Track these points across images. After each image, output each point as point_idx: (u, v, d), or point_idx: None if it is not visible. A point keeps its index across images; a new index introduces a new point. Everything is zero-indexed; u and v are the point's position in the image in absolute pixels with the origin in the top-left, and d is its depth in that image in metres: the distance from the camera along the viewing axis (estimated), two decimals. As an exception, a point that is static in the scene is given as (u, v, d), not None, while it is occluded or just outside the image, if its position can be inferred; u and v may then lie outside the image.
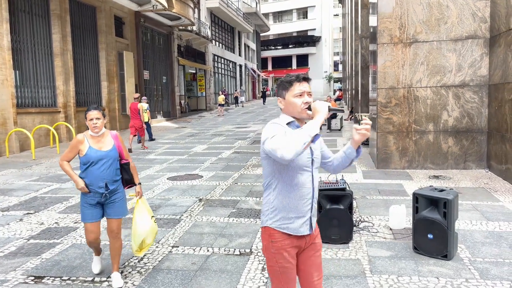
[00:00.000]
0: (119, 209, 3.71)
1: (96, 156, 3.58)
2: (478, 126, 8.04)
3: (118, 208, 3.70)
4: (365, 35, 15.42)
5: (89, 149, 3.59)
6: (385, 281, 3.59)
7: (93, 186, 3.57)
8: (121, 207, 3.72)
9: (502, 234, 4.62)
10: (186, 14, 21.04)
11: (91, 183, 3.57)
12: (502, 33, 7.26)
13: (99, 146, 3.64)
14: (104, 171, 3.59)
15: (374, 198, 6.26)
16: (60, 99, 13.96)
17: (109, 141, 3.70)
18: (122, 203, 3.73)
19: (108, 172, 3.61)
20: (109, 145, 3.68)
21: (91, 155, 3.57)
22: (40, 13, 13.44)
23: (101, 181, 3.58)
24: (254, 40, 49.79)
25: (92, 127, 3.58)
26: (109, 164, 3.62)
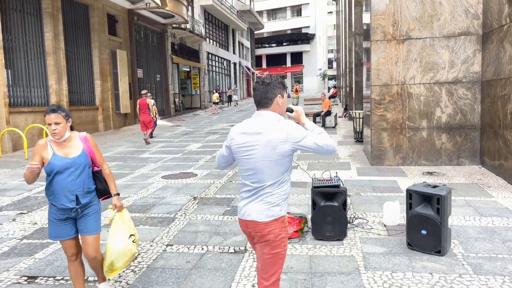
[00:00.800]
0: (92, 225, 3.15)
1: (61, 165, 3.00)
2: (471, 123, 8.09)
3: (92, 223, 3.15)
4: (358, 32, 15.45)
5: (52, 156, 3.02)
6: (379, 277, 3.60)
7: (61, 201, 3.04)
8: (95, 222, 3.18)
9: (495, 230, 4.65)
10: (180, 12, 20.96)
11: (57, 197, 3.04)
12: (494, 29, 7.30)
13: (65, 152, 3.05)
14: (72, 182, 3.03)
15: (368, 194, 6.28)
16: (53, 98, 13.86)
17: (77, 146, 3.11)
18: (96, 218, 3.19)
19: (78, 183, 3.05)
20: (77, 151, 3.09)
21: (54, 164, 3.00)
22: (32, 12, 13.32)
23: (70, 193, 3.03)
24: (248, 38, 49.72)
25: (52, 133, 2.99)
26: (78, 173, 3.05)
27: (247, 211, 2.43)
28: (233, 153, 2.52)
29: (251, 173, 2.41)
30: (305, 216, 4.77)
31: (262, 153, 2.34)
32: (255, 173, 2.39)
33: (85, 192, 3.10)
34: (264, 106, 2.42)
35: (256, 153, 2.36)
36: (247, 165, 2.42)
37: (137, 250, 3.41)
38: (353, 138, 12.15)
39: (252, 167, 2.40)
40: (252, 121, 2.45)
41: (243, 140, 2.42)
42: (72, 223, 3.14)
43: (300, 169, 8.29)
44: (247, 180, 2.45)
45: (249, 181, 2.44)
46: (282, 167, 2.37)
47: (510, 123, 6.66)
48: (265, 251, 2.41)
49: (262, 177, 2.38)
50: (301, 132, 2.34)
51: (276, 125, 2.35)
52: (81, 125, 15.59)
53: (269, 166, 2.35)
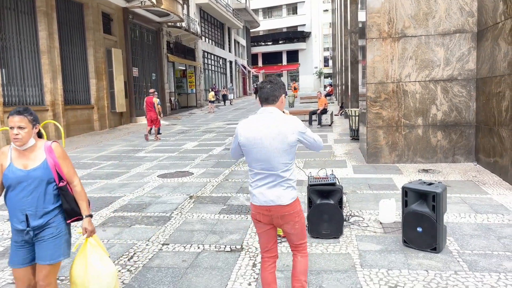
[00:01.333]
0: (46, 251, 2.63)
1: (13, 178, 2.56)
2: (466, 120, 8.12)
3: (46, 250, 2.63)
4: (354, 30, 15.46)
5: (8, 167, 2.60)
6: (375, 274, 3.61)
7: (12, 221, 2.63)
8: (50, 249, 2.63)
9: (490, 226, 4.67)
10: (175, 10, 20.88)
11: (10, 215, 2.63)
12: (489, 27, 7.32)
13: (24, 163, 2.61)
14: (23, 199, 2.57)
15: (364, 192, 6.29)
16: (47, 97, 13.79)
17: (38, 157, 2.65)
18: (54, 243, 2.65)
19: (30, 201, 2.57)
20: (36, 162, 2.63)
21: (8, 176, 2.58)
22: (26, 10, 13.23)
23: (20, 213, 2.58)
24: (244, 36, 49.64)
25: (13, 138, 2.55)
26: (31, 188, 2.57)
27: (269, 197, 2.68)
28: (241, 146, 2.75)
29: (264, 162, 2.66)
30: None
31: (274, 144, 2.62)
32: (268, 162, 2.65)
33: (39, 212, 2.60)
34: (271, 103, 2.73)
35: (269, 144, 2.62)
36: (260, 156, 2.66)
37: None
38: (349, 136, 12.17)
39: (265, 157, 2.65)
40: (261, 117, 2.71)
41: (254, 134, 2.67)
42: (30, 248, 2.66)
43: (296, 167, 8.27)
44: (260, 169, 2.69)
45: (262, 170, 2.68)
46: (290, 155, 2.69)
47: (505, 120, 6.69)
48: (295, 226, 2.79)
49: (275, 165, 2.65)
50: (304, 126, 2.72)
51: (285, 119, 2.69)
52: (77, 124, 15.53)
53: (281, 155, 2.64)
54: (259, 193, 2.70)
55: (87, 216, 2.80)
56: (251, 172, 2.76)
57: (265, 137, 2.63)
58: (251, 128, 2.69)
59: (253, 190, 2.74)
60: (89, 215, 2.81)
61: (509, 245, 4.13)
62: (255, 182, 2.73)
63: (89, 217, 2.81)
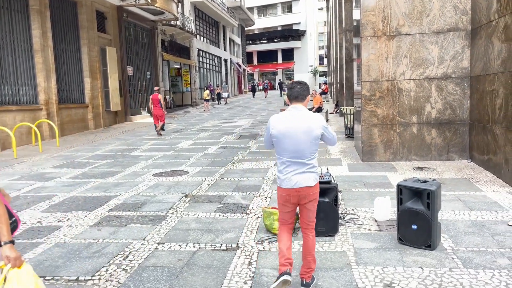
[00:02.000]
0: None
1: None
2: (461, 118, 8.16)
3: None
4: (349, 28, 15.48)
5: None
6: (371, 272, 3.62)
7: None
8: None
9: (484, 223, 4.70)
10: (170, 9, 20.80)
11: None
12: (483, 25, 7.36)
13: None
14: None
15: (360, 190, 6.32)
16: (41, 96, 13.70)
17: None
18: None
19: None
20: None
21: None
22: (19, 9, 13.13)
23: None
24: (239, 35, 49.56)
25: None
26: None
27: (298, 180, 3.16)
28: (272, 137, 3.22)
29: (294, 152, 3.14)
30: (297, 212, 4.77)
31: (304, 136, 3.11)
32: (297, 152, 3.14)
33: None
34: (300, 101, 3.23)
35: (300, 136, 3.11)
36: (290, 147, 3.13)
37: None
38: (344, 134, 12.20)
39: (295, 148, 3.13)
40: (292, 113, 3.19)
41: (286, 127, 3.14)
42: None
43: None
44: (289, 158, 3.16)
45: (292, 158, 3.16)
46: (315, 146, 3.17)
47: (499, 118, 6.73)
48: (314, 204, 3.30)
49: (303, 154, 3.14)
50: (326, 122, 3.27)
51: (312, 115, 3.19)
52: (71, 123, 15.45)
53: (309, 145, 3.13)
54: (289, 178, 3.17)
55: (7, 242, 2.26)
56: (280, 160, 3.22)
57: (295, 130, 3.11)
58: (283, 122, 3.16)
59: (283, 175, 3.20)
60: (9, 242, 2.27)
61: (503, 242, 4.16)
62: (285, 169, 3.19)
63: (10, 244, 2.27)
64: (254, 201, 5.94)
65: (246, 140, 12.44)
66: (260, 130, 14.72)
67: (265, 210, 4.75)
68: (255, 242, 4.42)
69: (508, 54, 6.40)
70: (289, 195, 3.21)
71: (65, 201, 6.40)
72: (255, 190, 6.58)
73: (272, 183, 6.96)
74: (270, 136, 3.24)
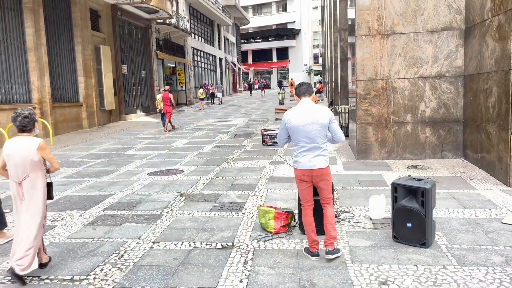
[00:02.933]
0: None
1: None
2: (454, 116, 8.21)
3: None
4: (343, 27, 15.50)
5: None
6: (366, 270, 3.64)
7: None
8: None
9: (478, 221, 4.74)
10: (164, 7, 20.72)
11: None
12: (476, 24, 7.40)
13: None
14: None
15: (355, 189, 6.34)
16: (35, 95, 13.61)
17: None
18: None
19: None
20: None
21: None
22: (12, 7, 13.03)
23: None
24: (234, 33, 49.48)
25: None
26: None
27: (314, 163, 3.79)
28: (288, 129, 3.85)
29: (309, 139, 3.77)
30: (292, 211, 4.78)
31: (316, 126, 3.75)
32: (312, 138, 3.77)
33: None
34: (308, 95, 3.91)
35: (314, 126, 3.75)
36: (307, 134, 3.76)
37: None
38: (339, 132, 12.19)
39: (310, 135, 3.76)
40: (303, 106, 3.84)
41: (301, 118, 3.78)
42: None
43: (287, 164, 8.31)
44: (305, 143, 3.79)
45: (307, 144, 3.79)
46: (324, 132, 3.82)
47: (492, 116, 6.78)
48: (327, 183, 3.90)
49: (316, 140, 3.78)
50: (333, 116, 3.87)
51: (320, 107, 3.87)
52: (65, 122, 15.36)
53: (320, 133, 3.78)
54: (305, 160, 3.80)
55: None
56: (297, 146, 3.85)
57: (309, 120, 3.75)
58: (297, 115, 3.80)
59: (299, 158, 3.82)
60: None
61: (497, 240, 4.19)
62: (301, 152, 3.82)
63: None
64: (250, 200, 5.94)
65: (241, 139, 12.43)
66: (255, 129, 14.71)
67: (260, 208, 4.75)
68: (251, 240, 4.42)
69: (501, 53, 6.44)
70: (304, 175, 3.83)
71: (59, 200, 6.37)
72: (250, 188, 6.58)
73: (267, 182, 6.96)
74: (286, 128, 3.88)
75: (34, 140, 3.70)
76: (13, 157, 3.65)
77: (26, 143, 3.67)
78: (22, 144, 3.68)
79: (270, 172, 7.68)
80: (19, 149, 3.66)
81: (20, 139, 3.71)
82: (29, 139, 3.71)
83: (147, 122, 19.37)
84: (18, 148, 3.66)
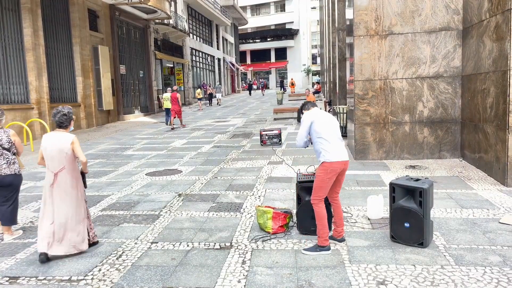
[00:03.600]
0: None
1: None
2: (452, 116, 8.22)
3: None
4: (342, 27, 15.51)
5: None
6: (364, 270, 3.64)
7: None
8: None
9: (475, 221, 4.75)
10: (162, 7, 20.71)
11: None
12: (474, 24, 7.42)
13: None
14: None
15: (353, 189, 6.34)
16: (33, 95, 13.58)
17: None
18: None
19: None
20: None
21: None
22: (10, 7, 13.00)
23: None
24: (232, 34, 49.47)
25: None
26: None
27: (345, 154, 4.11)
28: (317, 124, 4.08)
29: (335, 133, 4.12)
30: (290, 211, 4.79)
31: (334, 122, 4.20)
32: (337, 133, 4.15)
33: None
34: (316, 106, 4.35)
35: (335, 121, 4.22)
36: (334, 129, 4.14)
37: None
38: (337, 133, 12.21)
39: (336, 130, 4.16)
40: (319, 110, 4.28)
41: (325, 116, 4.18)
42: None
43: (285, 164, 8.31)
44: (331, 137, 4.07)
45: (333, 137, 4.08)
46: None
47: (490, 116, 6.79)
48: (344, 176, 4.22)
49: (338, 135, 4.16)
50: None
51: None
52: (63, 123, 15.31)
53: (338, 129, 4.21)
54: (338, 152, 4.04)
55: None
56: (326, 141, 4.05)
57: (330, 117, 4.21)
58: (320, 113, 4.20)
59: (332, 150, 4.02)
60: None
61: (494, 239, 4.21)
62: (331, 146, 4.04)
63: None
64: (248, 200, 5.94)
65: (240, 139, 12.43)
66: (253, 129, 14.72)
67: (258, 209, 4.75)
68: (249, 241, 4.42)
69: (499, 54, 6.46)
70: (338, 167, 4.04)
71: (57, 200, 6.35)
72: (248, 189, 6.58)
73: (265, 182, 6.96)
74: (309, 126, 4.12)
75: (68, 136, 4.18)
76: (49, 150, 4.12)
77: (62, 138, 4.15)
78: (58, 138, 4.15)
79: (269, 172, 7.68)
80: (55, 143, 4.13)
81: (57, 134, 4.20)
82: (64, 135, 4.20)
83: (145, 122, 19.36)
84: (54, 142, 4.13)
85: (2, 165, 4.60)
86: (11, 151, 4.73)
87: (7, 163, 4.65)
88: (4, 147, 4.65)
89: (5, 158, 4.65)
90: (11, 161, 4.70)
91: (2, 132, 4.66)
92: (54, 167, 4.11)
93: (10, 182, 4.70)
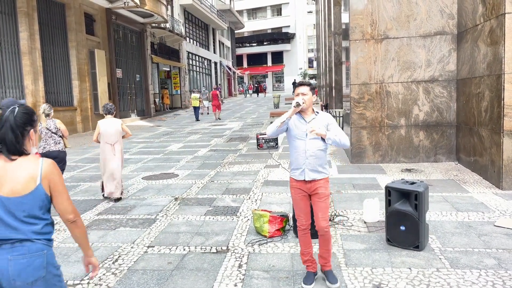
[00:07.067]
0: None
1: None
2: (448, 120, 8.27)
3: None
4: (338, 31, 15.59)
5: None
6: (360, 273, 3.65)
7: None
8: None
9: (471, 224, 4.77)
10: (159, 11, 20.74)
11: None
12: (469, 29, 7.48)
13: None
14: None
15: (349, 192, 6.36)
16: (29, 98, 13.53)
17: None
18: None
19: None
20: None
21: None
22: (6, 11, 12.98)
23: None
24: (229, 37, 49.58)
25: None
26: None
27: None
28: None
29: None
30: (286, 215, 4.80)
31: None
32: None
33: None
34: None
35: None
36: None
37: None
38: (334, 136, 12.23)
39: None
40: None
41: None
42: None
43: (282, 168, 8.32)
44: None
45: None
46: None
47: (485, 120, 6.84)
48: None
49: None
50: None
51: None
52: (59, 127, 15.26)
53: None
54: None
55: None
56: None
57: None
58: None
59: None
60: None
61: (489, 242, 4.23)
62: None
63: None
64: (244, 204, 5.95)
65: (236, 142, 12.44)
66: (250, 132, 14.73)
67: (255, 212, 4.76)
68: (245, 244, 4.42)
69: (493, 58, 6.51)
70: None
71: (53, 205, 6.33)
72: (245, 192, 6.59)
73: (262, 185, 6.97)
74: None
75: (117, 120, 6.54)
76: (108, 130, 6.36)
77: (114, 122, 6.45)
78: (112, 122, 6.43)
79: (265, 176, 7.69)
80: (111, 125, 6.40)
81: (109, 120, 6.46)
82: (114, 119, 6.50)
83: (142, 126, 19.33)
84: (110, 124, 6.40)
85: (50, 144, 6.20)
86: (58, 134, 6.30)
87: (54, 143, 6.24)
88: (52, 131, 6.23)
89: (53, 139, 6.24)
90: (57, 141, 6.28)
91: (51, 121, 6.30)
92: (112, 140, 6.34)
93: (56, 155, 6.10)
